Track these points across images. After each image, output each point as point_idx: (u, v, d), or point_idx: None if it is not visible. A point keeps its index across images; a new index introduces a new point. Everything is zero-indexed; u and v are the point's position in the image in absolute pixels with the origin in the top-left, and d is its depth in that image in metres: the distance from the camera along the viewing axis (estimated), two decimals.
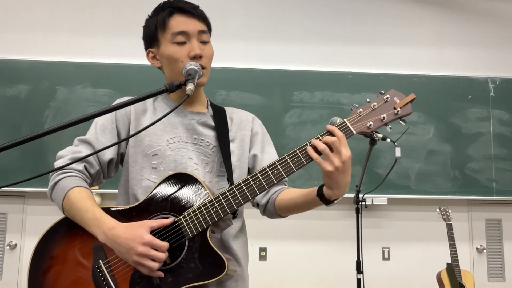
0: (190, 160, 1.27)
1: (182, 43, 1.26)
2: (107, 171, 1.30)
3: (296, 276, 3.46)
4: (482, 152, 3.55)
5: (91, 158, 1.25)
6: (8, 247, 3.34)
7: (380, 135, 1.19)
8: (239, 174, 1.33)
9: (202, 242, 1.12)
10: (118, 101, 1.30)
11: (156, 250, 1.08)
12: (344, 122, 1.12)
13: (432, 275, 3.00)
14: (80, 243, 1.17)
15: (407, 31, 3.76)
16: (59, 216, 1.22)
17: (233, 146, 1.34)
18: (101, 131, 1.28)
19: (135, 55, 3.37)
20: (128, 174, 1.28)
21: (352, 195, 2.62)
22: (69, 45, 3.50)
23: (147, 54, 1.35)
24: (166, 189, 1.18)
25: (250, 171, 1.37)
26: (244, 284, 1.31)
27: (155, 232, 1.11)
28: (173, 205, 1.16)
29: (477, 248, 3.60)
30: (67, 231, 1.19)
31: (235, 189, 1.14)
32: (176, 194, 1.17)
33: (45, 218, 1.24)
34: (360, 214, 2.58)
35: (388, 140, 2.36)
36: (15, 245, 3.36)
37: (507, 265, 3.60)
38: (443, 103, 3.58)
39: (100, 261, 1.14)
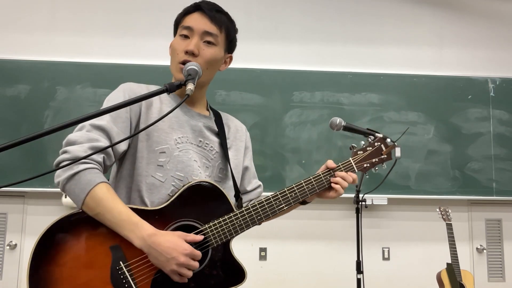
0: (195, 163, 1.28)
1: (185, 37, 1.30)
2: (114, 162, 1.28)
3: (296, 276, 3.45)
4: (482, 152, 3.55)
5: (109, 150, 1.19)
6: (8, 247, 3.34)
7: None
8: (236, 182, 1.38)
9: (225, 251, 1.23)
10: (124, 85, 1.29)
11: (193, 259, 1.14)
12: (350, 161, 1.40)
13: (432, 275, 3.00)
14: (93, 242, 1.13)
15: (407, 31, 3.76)
16: (59, 216, 1.17)
17: (230, 154, 1.38)
18: (115, 118, 1.22)
19: (135, 55, 3.39)
20: (134, 169, 1.24)
21: (352, 195, 2.61)
22: (69, 45, 3.50)
23: (170, 46, 1.38)
24: (191, 197, 1.22)
25: None
26: None
27: None
28: (197, 214, 1.21)
29: (477, 248, 3.60)
30: (74, 230, 1.14)
31: (257, 206, 1.26)
32: (201, 203, 1.23)
33: (45, 218, 1.23)
34: (360, 214, 2.58)
35: (388, 140, 2.36)
36: (15, 245, 3.36)
37: (507, 265, 3.60)
38: (443, 103, 3.58)
39: (121, 262, 1.12)
